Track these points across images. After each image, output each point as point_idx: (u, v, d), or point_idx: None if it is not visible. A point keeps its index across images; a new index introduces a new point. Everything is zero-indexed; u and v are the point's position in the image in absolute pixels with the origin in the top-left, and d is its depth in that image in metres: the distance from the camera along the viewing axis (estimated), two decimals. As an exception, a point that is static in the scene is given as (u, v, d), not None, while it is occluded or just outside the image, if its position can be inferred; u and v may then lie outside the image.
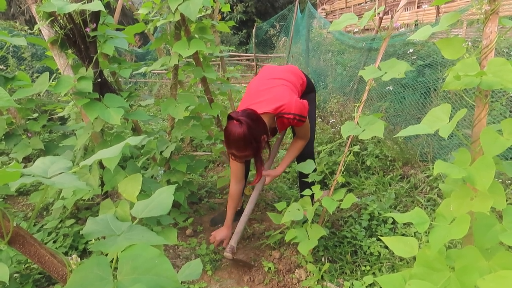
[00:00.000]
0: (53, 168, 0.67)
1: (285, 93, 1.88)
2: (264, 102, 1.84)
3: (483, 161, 0.91)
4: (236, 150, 1.74)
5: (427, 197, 2.45)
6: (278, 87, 1.94)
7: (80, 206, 2.47)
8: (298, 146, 2.06)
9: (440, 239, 0.95)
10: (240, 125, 1.67)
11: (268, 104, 1.82)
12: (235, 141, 1.69)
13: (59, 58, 1.80)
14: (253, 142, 1.71)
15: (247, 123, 1.67)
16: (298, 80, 2.10)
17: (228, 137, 1.71)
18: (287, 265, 1.93)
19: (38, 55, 5.17)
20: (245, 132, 1.66)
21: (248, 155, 1.78)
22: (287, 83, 1.98)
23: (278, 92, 1.90)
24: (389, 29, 1.66)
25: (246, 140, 1.68)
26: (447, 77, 1.04)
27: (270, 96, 1.87)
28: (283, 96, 1.85)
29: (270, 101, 1.83)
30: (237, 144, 1.70)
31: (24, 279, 1.76)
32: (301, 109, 1.83)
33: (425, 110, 3.16)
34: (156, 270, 0.59)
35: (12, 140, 2.05)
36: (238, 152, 1.75)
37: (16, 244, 0.64)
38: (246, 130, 1.66)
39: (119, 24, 2.41)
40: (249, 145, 1.71)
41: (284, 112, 1.81)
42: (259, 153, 1.82)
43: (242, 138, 1.67)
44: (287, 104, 1.80)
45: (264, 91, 1.93)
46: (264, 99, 1.86)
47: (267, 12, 16.03)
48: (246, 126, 1.66)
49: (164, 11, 2.15)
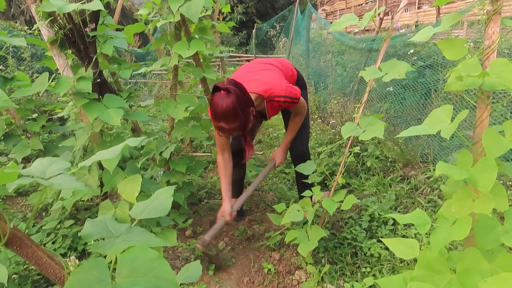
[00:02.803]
0: (52, 169, 0.66)
1: (274, 76, 1.88)
2: (253, 82, 1.79)
3: (485, 163, 0.90)
4: (225, 122, 1.65)
5: (427, 199, 2.44)
6: (267, 70, 1.93)
7: (79, 207, 2.46)
8: (296, 120, 2.06)
9: (441, 240, 0.94)
10: (228, 95, 1.59)
11: (258, 85, 1.78)
12: (223, 112, 1.60)
13: (58, 58, 1.80)
14: (242, 112, 1.63)
15: (235, 91, 1.60)
16: (288, 71, 2.08)
17: (216, 109, 1.62)
18: (287, 267, 1.92)
19: (37, 55, 5.17)
20: (234, 102, 1.58)
21: (237, 127, 1.69)
22: (276, 69, 1.97)
23: (267, 75, 1.89)
24: (390, 30, 1.65)
25: (235, 110, 1.60)
26: (449, 78, 1.03)
27: (259, 77, 1.85)
28: (272, 79, 1.84)
29: (260, 83, 1.80)
30: (226, 115, 1.61)
31: (23, 280, 1.75)
32: (292, 92, 1.82)
33: (425, 111, 3.16)
34: (155, 272, 0.59)
35: (11, 141, 2.04)
36: (227, 124, 1.66)
37: (13, 246, 0.63)
38: (234, 99, 1.59)
39: (119, 24, 2.41)
40: (238, 116, 1.63)
41: (275, 95, 1.79)
42: (247, 125, 1.74)
43: (231, 108, 1.59)
44: (276, 87, 1.78)
45: (253, 72, 1.92)
46: (253, 79, 1.82)
47: (267, 13, 16.05)
48: (234, 95, 1.59)
49: (164, 11, 2.14)
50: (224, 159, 2.02)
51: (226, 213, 1.90)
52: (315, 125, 4.27)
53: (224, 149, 2.01)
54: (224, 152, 2.02)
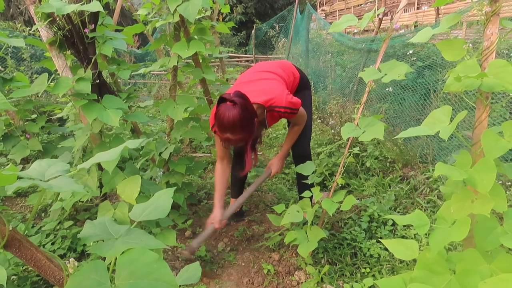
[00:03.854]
0: (50, 171, 0.66)
1: (275, 86, 1.88)
2: (254, 92, 1.81)
3: (484, 163, 0.90)
4: (231, 133, 1.66)
5: (427, 199, 2.44)
6: (269, 80, 1.93)
7: (79, 208, 2.45)
8: (295, 130, 2.07)
9: (441, 241, 0.94)
10: (234, 106, 1.60)
11: (258, 95, 1.80)
12: (230, 124, 1.61)
13: (57, 59, 1.79)
14: (247, 123, 1.65)
15: (241, 103, 1.61)
16: (290, 76, 2.07)
17: (222, 120, 1.62)
18: (286, 267, 1.92)
19: (37, 56, 5.17)
20: (240, 113, 1.59)
21: (243, 138, 1.71)
22: (277, 77, 1.97)
23: (268, 84, 1.89)
24: (389, 30, 1.65)
25: (242, 121, 1.61)
26: (447, 79, 1.03)
27: (260, 87, 1.86)
28: (273, 89, 1.84)
29: (260, 93, 1.81)
30: (233, 127, 1.62)
31: (22, 281, 1.74)
32: (292, 102, 1.82)
33: (424, 112, 3.16)
34: (154, 275, 0.58)
35: (10, 142, 2.04)
36: (234, 135, 1.67)
37: (12, 248, 0.63)
38: (240, 111, 1.60)
39: (118, 25, 2.41)
40: (244, 127, 1.65)
41: (275, 105, 1.80)
42: (252, 136, 1.76)
43: (238, 119, 1.60)
44: (277, 97, 1.79)
45: (254, 81, 1.92)
46: (253, 89, 1.83)
47: (267, 13, 16.06)
48: (240, 107, 1.60)
49: (164, 12, 2.14)
50: (223, 167, 2.04)
51: (215, 220, 1.92)
52: (315, 126, 4.27)
53: (224, 157, 2.03)
54: (223, 160, 2.04)
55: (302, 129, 2.08)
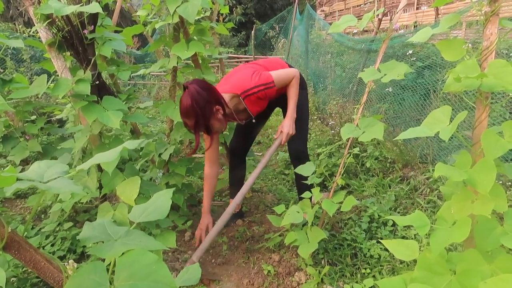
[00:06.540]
0: (50, 172, 0.66)
1: (244, 73, 1.92)
2: (227, 84, 1.91)
3: (484, 164, 0.90)
4: (186, 118, 1.75)
5: (427, 199, 2.44)
6: (243, 70, 1.98)
7: (78, 209, 2.45)
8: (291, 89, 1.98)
9: (441, 242, 0.94)
10: (188, 92, 1.69)
11: (230, 86, 1.88)
12: (183, 109, 1.71)
13: (56, 60, 1.79)
14: (200, 109, 1.70)
15: (193, 89, 1.69)
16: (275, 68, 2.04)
17: (180, 107, 1.74)
18: (286, 268, 1.92)
19: (37, 57, 5.17)
20: (192, 98, 1.68)
21: (197, 123, 1.76)
22: (255, 66, 2.00)
23: (240, 74, 1.94)
24: (389, 30, 1.65)
25: (193, 106, 1.69)
26: (447, 79, 1.03)
27: (233, 79, 1.94)
28: (241, 77, 1.90)
29: (233, 84, 1.90)
30: (186, 111, 1.71)
31: (22, 283, 1.74)
32: (261, 78, 1.86)
33: (424, 112, 3.16)
34: (153, 276, 0.58)
35: (10, 143, 2.04)
36: (189, 120, 1.75)
37: (11, 250, 0.63)
38: (191, 97, 1.68)
39: (117, 26, 2.40)
40: (196, 112, 1.70)
41: (246, 89, 1.85)
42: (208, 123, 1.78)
43: (190, 104, 1.68)
44: (246, 82, 1.85)
45: (230, 76, 1.99)
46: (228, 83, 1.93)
47: (266, 14, 16.07)
48: (191, 93, 1.68)
49: (163, 13, 2.14)
50: (211, 173, 2.07)
51: (203, 230, 1.99)
52: (314, 126, 4.27)
53: (212, 162, 2.06)
54: (212, 165, 2.07)
55: (299, 129, 2.05)
